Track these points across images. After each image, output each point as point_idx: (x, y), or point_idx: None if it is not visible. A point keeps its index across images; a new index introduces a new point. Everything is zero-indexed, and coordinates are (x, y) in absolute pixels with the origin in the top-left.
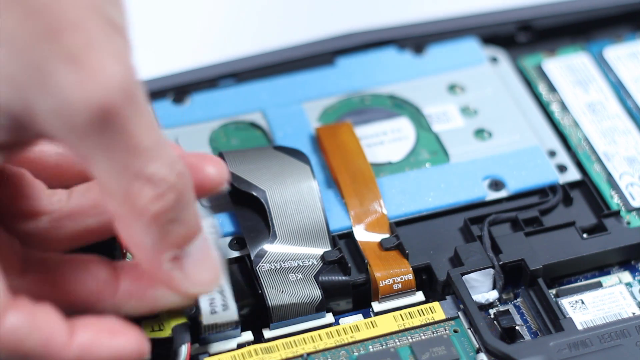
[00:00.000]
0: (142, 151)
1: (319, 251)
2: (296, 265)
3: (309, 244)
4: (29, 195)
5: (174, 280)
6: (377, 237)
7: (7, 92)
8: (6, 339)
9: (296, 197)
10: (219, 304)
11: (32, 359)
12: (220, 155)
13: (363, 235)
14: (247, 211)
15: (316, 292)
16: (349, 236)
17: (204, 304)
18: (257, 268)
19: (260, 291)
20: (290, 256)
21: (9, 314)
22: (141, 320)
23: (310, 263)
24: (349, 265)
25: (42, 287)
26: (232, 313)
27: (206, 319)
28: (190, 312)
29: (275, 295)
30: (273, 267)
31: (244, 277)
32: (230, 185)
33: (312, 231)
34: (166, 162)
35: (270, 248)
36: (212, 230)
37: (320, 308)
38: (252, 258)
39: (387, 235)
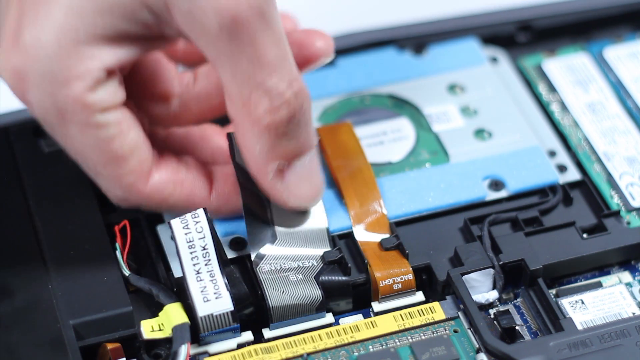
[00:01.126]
0: (265, 64)
1: (319, 252)
2: (296, 266)
3: (308, 245)
4: (164, 79)
5: (274, 189)
6: (377, 237)
7: None
8: (153, 195)
9: None
10: (211, 292)
11: (176, 209)
12: (228, 137)
13: (363, 235)
14: (253, 204)
15: (316, 292)
16: (349, 236)
17: (196, 294)
18: (257, 269)
19: (260, 291)
20: (290, 257)
21: (156, 171)
22: (140, 320)
23: (310, 264)
24: (349, 265)
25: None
26: (226, 301)
27: (200, 309)
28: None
29: (276, 295)
30: (273, 268)
31: (244, 278)
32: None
33: (312, 231)
34: (286, 79)
35: (270, 250)
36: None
37: (320, 308)
38: (252, 259)
39: (387, 235)
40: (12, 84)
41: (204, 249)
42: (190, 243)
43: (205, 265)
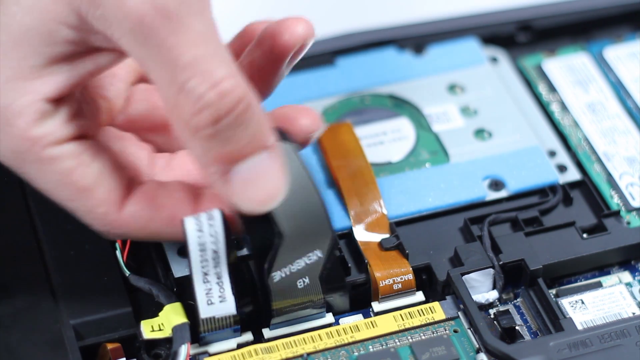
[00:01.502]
0: (183, 66)
1: (322, 240)
2: (303, 264)
3: (311, 234)
4: (161, 108)
5: (221, 193)
6: (377, 237)
7: (61, 7)
8: (130, 223)
9: (293, 185)
10: (216, 295)
11: (161, 235)
12: None
13: (363, 235)
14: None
15: (320, 297)
16: (349, 236)
17: (200, 295)
18: (268, 282)
19: (261, 294)
20: (297, 254)
21: (130, 199)
22: (140, 320)
23: (316, 257)
24: (349, 265)
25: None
26: (229, 306)
27: (203, 311)
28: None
29: (284, 306)
30: (283, 275)
31: (244, 277)
32: None
33: (312, 220)
34: (208, 80)
35: (280, 250)
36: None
37: (320, 308)
38: (263, 269)
39: (387, 235)
40: None
41: (215, 252)
42: (202, 246)
43: (214, 267)
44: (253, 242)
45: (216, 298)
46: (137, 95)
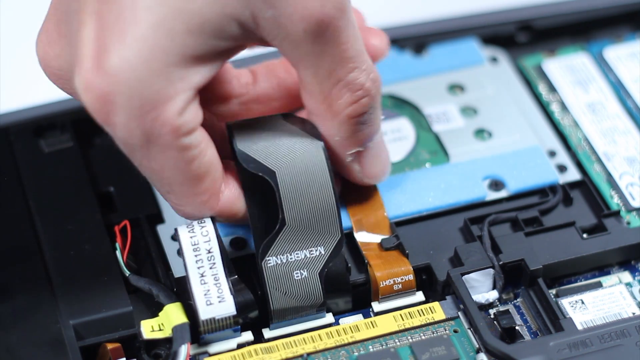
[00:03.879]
0: (347, 59)
1: (328, 239)
2: (303, 257)
3: (318, 230)
4: (224, 80)
5: (351, 172)
6: (377, 238)
7: (238, 4)
8: (223, 211)
9: (307, 178)
10: (214, 296)
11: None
12: (228, 127)
13: (363, 235)
14: (256, 195)
15: (319, 293)
16: (349, 236)
17: (199, 297)
18: (262, 264)
19: (260, 292)
20: (298, 246)
21: (226, 187)
22: (140, 320)
23: (318, 253)
24: (349, 265)
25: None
26: (228, 305)
27: (203, 312)
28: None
29: (278, 297)
30: (279, 262)
31: (244, 277)
32: (237, 163)
33: (322, 216)
34: (365, 70)
35: (279, 237)
36: None
37: (321, 308)
38: (258, 252)
39: (387, 235)
40: (95, 106)
41: (209, 252)
42: (195, 246)
43: (210, 268)
44: (254, 222)
45: (215, 298)
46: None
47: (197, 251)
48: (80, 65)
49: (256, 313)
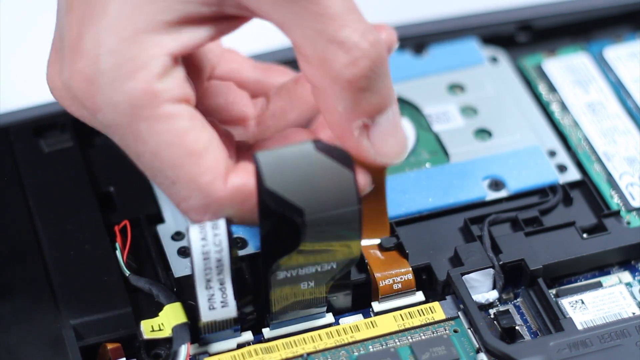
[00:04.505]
0: (333, 16)
1: (344, 258)
2: (313, 271)
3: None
4: (238, 103)
5: (361, 148)
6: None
7: None
8: (234, 196)
9: (335, 211)
10: (218, 300)
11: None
12: (255, 158)
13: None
14: (274, 218)
15: (322, 299)
16: None
17: (202, 301)
18: (270, 276)
19: (260, 293)
20: (312, 262)
21: (233, 172)
22: (140, 320)
23: (330, 267)
24: None
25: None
26: (231, 310)
27: (205, 315)
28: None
29: (282, 303)
30: (288, 275)
31: (244, 278)
32: (261, 201)
33: (344, 240)
34: (358, 29)
35: (294, 255)
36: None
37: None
38: (266, 263)
39: (387, 235)
40: (80, 89)
41: (219, 261)
42: (206, 255)
43: (217, 275)
44: (266, 236)
45: (218, 303)
46: (214, 89)
47: (206, 260)
48: (64, 60)
49: (252, 312)
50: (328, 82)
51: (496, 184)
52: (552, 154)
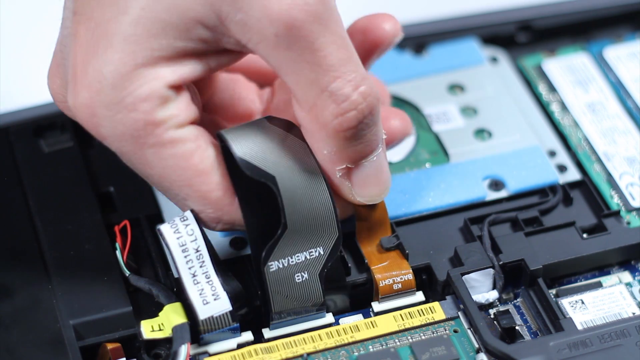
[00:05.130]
0: (328, 68)
1: (326, 239)
2: (303, 259)
3: (317, 231)
4: (245, 98)
5: (342, 188)
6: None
7: (202, 8)
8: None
9: (304, 180)
10: (209, 294)
11: None
12: (219, 136)
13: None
14: (253, 202)
15: (319, 294)
16: (349, 236)
17: (195, 297)
18: (264, 269)
19: (261, 292)
20: (298, 248)
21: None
22: (140, 320)
23: (317, 254)
24: (349, 265)
25: None
26: (224, 302)
27: (201, 312)
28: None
29: (280, 300)
30: (281, 266)
31: (245, 278)
32: (234, 170)
33: (320, 216)
34: (351, 81)
35: (281, 241)
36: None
37: (320, 309)
38: (258, 257)
39: (387, 235)
40: (84, 120)
41: (197, 250)
42: (184, 247)
43: (200, 267)
44: (251, 229)
45: (210, 297)
46: (220, 84)
47: (185, 252)
48: (69, 87)
49: (245, 308)
50: (316, 128)
51: (496, 184)
52: (552, 154)
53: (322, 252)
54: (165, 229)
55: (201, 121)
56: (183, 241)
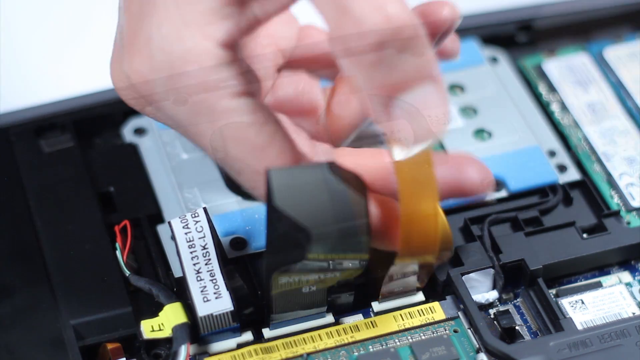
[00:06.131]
0: None
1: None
2: (316, 277)
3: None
4: (308, 91)
5: (382, 125)
6: None
7: None
8: None
9: (342, 232)
10: (211, 292)
11: None
12: (267, 176)
13: None
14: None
15: (323, 301)
16: None
17: (196, 294)
18: (272, 279)
19: (260, 293)
20: (314, 269)
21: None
22: (140, 320)
23: (332, 275)
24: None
25: None
26: (226, 301)
27: (201, 309)
28: None
29: (282, 305)
30: (290, 280)
31: (244, 277)
32: (268, 218)
33: (348, 240)
34: (373, 2)
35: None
36: None
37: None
38: (269, 265)
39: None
40: (140, 88)
41: (204, 248)
42: (191, 242)
43: (206, 264)
44: (273, 235)
45: (211, 295)
46: (284, 80)
47: (192, 248)
48: (124, 60)
49: (251, 309)
50: (342, 55)
51: (496, 184)
52: (552, 154)
53: (338, 275)
54: (175, 223)
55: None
56: (191, 237)
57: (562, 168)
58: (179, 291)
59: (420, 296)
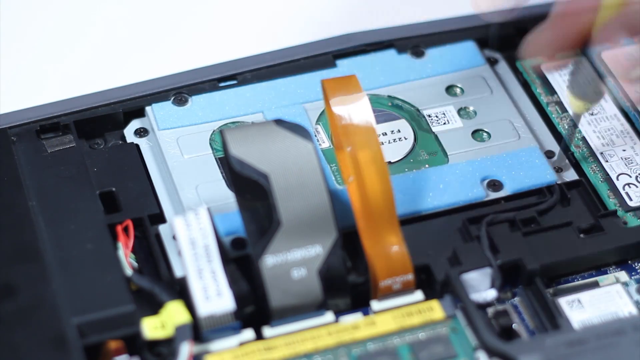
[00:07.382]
0: None
1: (324, 238)
2: (300, 255)
3: (314, 229)
4: None
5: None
6: None
7: None
8: None
9: (300, 179)
10: (212, 290)
11: None
12: (222, 134)
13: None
14: (248, 200)
15: (318, 291)
16: (349, 236)
17: (197, 292)
18: (260, 263)
19: (259, 291)
20: (295, 245)
21: None
22: (142, 319)
23: (315, 252)
24: (349, 265)
25: None
26: (227, 300)
27: (202, 308)
28: None
29: (278, 296)
30: (277, 261)
31: (245, 277)
32: (230, 169)
33: (316, 216)
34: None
35: (275, 237)
36: None
37: (321, 307)
38: (254, 252)
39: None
40: None
41: (206, 247)
42: (192, 241)
43: (207, 263)
44: (249, 226)
45: (213, 293)
46: None
47: (194, 247)
48: None
49: (252, 307)
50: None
51: (494, 185)
52: (550, 154)
53: (320, 251)
54: (177, 221)
55: None
56: (193, 236)
57: (559, 169)
58: (181, 290)
59: (419, 295)
